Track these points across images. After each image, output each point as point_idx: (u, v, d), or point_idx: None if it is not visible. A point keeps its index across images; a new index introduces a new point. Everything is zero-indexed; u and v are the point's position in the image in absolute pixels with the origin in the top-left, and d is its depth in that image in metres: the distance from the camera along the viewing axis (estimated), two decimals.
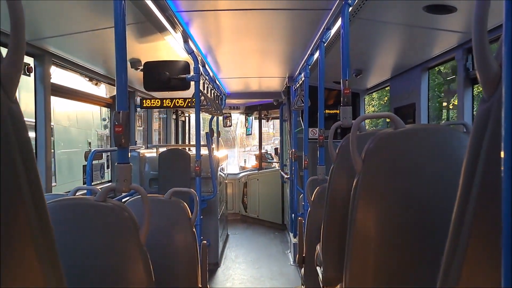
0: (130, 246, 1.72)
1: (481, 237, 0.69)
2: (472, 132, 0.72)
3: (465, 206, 0.71)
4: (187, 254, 2.75)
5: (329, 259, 2.44)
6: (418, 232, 1.57)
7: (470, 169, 0.70)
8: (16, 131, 0.73)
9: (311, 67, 4.89)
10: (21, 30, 0.75)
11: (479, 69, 0.67)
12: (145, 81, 4.21)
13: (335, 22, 3.33)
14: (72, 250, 1.70)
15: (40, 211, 0.78)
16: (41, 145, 3.78)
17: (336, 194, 2.32)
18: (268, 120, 11.43)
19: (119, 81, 2.04)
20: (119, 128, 1.96)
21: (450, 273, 0.75)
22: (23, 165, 0.74)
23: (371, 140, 1.64)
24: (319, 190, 3.32)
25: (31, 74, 3.67)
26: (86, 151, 8.10)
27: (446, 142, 1.63)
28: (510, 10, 0.52)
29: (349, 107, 2.78)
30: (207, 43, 4.49)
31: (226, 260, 6.73)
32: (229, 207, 9.47)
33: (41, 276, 0.78)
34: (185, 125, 10.42)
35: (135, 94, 6.44)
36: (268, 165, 11.97)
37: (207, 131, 6.97)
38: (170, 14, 3.16)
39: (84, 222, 1.75)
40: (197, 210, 3.07)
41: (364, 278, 1.69)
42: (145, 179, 6.13)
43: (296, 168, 6.49)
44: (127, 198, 2.93)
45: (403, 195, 1.59)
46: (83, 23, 3.33)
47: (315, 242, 3.07)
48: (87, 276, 1.71)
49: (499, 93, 0.64)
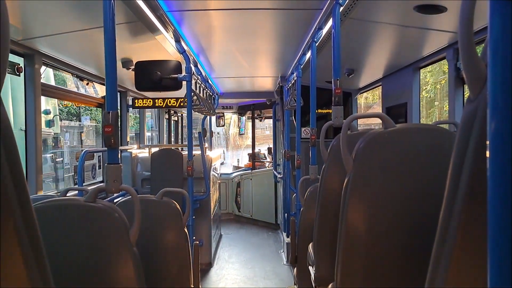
0: (120, 247, 1.71)
1: (468, 236, 0.69)
2: (458, 132, 0.72)
3: (452, 205, 0.71)
4: (179, 255, 2.74)
5: (321, 259, 2.44)
6: (409, 231, 1.57)
7: (457, 168, 0.70)
8: (0, 132, 0.72)
9: (303, 67, 4.89)
10: (5, 27, 0.73)
11: (466, 69, 0.68)
12: (137, 81, 4.19)
13: (326, 22, 3.33)
14: (62, 251, 1.69)
15: (26, 212, 0.77)
16: (31, 146, 3.74)
17: (327, 194, 2.33)
18: (261, 120, 11.43)
19: (108, 81, 2.02)
20: (109, 129, 1.95)
21: (437, 272, 0.75)
22: (8, 167, 0.73)
23: (362, 140, 1.65)
24: (311, 189, 3.32)
25: (20, 74, 3.64)
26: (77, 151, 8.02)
27: (436, 141, 1.64)
28: (495, 10, 0.52)
29: (340, 106, 2.78)
30: (199, 43, 4.48)
31: (219, 260, 6.72)
32: (222, 207, 9.46)
33: (27, 278, 0.77)
34: (177, 125, 10.39)
35: (127, 94, 6.41)
36: (262, 165, 11.98)
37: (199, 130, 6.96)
38: (161, 13, 3.15)
39: (74, 223, 1.74)
40: (189, 211, 3.06)
41: (355, 277, 1.69)
42: (137, 179, 6.10)
43: (289, 168, 6.50)
44: (119, 198, 2.91)
45: (394, 194, 1.59)
46: (73, 22, 3.31)
47: (308, 241, 3.07)
48: (77, 277, 1.70)
49: (485, 93, 0.65)
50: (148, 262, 1.99)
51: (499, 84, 0.52)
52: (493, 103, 0.52)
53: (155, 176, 5.80)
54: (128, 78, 5.09)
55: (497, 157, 0.52)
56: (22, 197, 0.76)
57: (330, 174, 2.30)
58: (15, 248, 0.75)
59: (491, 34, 0.53)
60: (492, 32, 0.53)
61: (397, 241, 1.58)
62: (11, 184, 0.74)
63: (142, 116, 7.62)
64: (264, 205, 9.20)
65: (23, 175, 0.79)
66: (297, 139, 5.14)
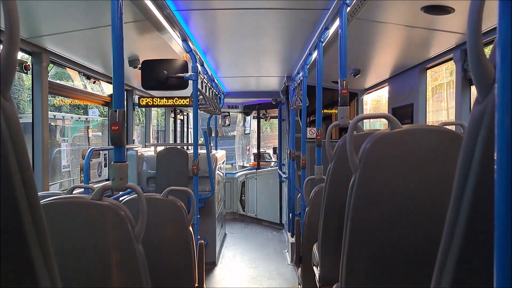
0: (125, 244, 1.72)
1: (475, 237, 0.69)
2: (466, 133, 0.72)
3: (459, 206, 0.71)
4: (184, 253, 2.75)
5: (326, 259, 2.44)
6: (414, 232, 1.57)
7: (464, 170, 0.70)
8: (10, 129, 0.73)
9: (310, 67, 4.89)
10: (15, 26, 0.74)
11: (474, 71, 0.67)
12: (143, 80, 4.20)
13: (333, 22, 3.33)
14: (68, 249, 1.70)
15: (34, 210, 0.78)
16: (38, 143, 3.77)
17: (333, 194, 2.33)
18: (267, 120, 11.43)
19: (116, 79, 2.03)
20: (116, 127, 1.96)
21: (444, 273, 0.75)
22: (17, 164, 0.74)
23: (368, 140, 1.65)
24: (316, 189, 3.32)
25: (28, 72, 3.67)
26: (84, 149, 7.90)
27: (443, 142, 1.64)
28: (504, 11, 0.52)
29: (346, 107, 2.78)
30: (206, 42, 4.49)
31: (224, 259, 6.72)
32: (227, 206, 9.46)
33: (34, 275, 0.78)
34: (183, 124, 10.41)
35: (133, 93, 6.43)
36: (266, 165, 11.98)
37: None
38: (169, 12, 3.16)
39: (80, 221, 1.75)
40: (194, 209, 3.06)
41: (360, 277, 1.69)
42: (142, 178, 6.12)
43: (294, 168, 6.49)
44: (125, 197, 2.92)
45: (400, 195, 1.59)
46: (81, 21, 3.33)
47: (312, 241, 3.07)
48: (82, 274, 1.71)
49: (493, 95, 0.64)
50: (153, 260, 2.00)
51: (507, 85, 0.52)
52: (501, 105, 0.52)
53: (160, 174, 5.82)
54: (134, 76, 5.11)
55: (505, 159, 0.52)
56: (31, 194, 0.77)
57: (336, 174, 2.30)
58: (23, 247, 0.75)
59: (500, 35, 0.53)
60: (501, 33, 0.53)
61: (403, 241, 1.58)
62: (20, 181, 0.75)
63: (148, 115, 7.64)
64: (269, 204, 9.20)
65: (32, 172, 0.80)
66: (303, 139, 5.13)
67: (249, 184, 9.63)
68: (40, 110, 3.76)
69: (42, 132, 3.78)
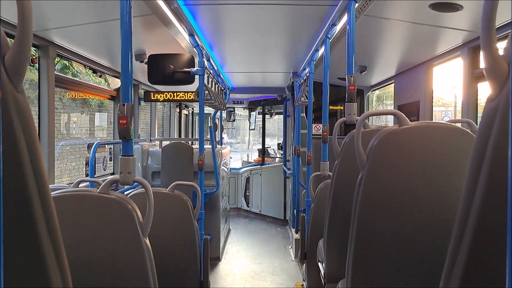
0: (132, 238, 1.73)
1: (486, 237, 0.69)
2: (478, 130, 0.72)
3: (470, 204, 0.71)
4: (189, 248, 2.76)
5: (332, 256, 2.44)
6: (422, 230, 1.56)
7: (476, 167, 0.70)
8: (22, 121, 0.73)
9: (316, 63, 4.87)
10: (28, 19, 0.74)
11: (487, 67, 0.67)
12: (149, 74, 4.20)
13: (340, 18, 3.32)
14: (74, 242, 1.70)
15: (44, 200, 0.78)
16: (44, 136, 3.79)
17: (339, 191, 2.32)
18: (272, 116, 11.42)
19: (124, 73, 2.03)
20: (124, 121, 1.96)
21: (453, 272, 0.75)
22: (28, 155, 0.74)
23: (376, 137, 1.64)
24: (322, 186, 3.32)
25: (35, 65, 3.68)
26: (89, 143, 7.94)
27: (451, 139, 1.63)
28: None
29: (353, 103, 2.77)
30: (212, 37, 4.48)
31: (228, 254, 6.74)
32: (231, 202, 9.48)
33: (46, 269, 0.78)
34: (188, 118, 10.41)
35: (139, 87, 6.44)
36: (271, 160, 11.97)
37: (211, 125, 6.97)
38: (176, 7, 3.16)
39: (87, 214, 1.76)
40: (199, 204, 3.07)
41: (366, 275, 1.69)
42: (148, 172, 6.14)
43: (299, 164, 6.49)
44: (130, 190, 2.93)
45: (407, 192, 1.59)
46: (89, 14, 3.33)
47: (317, 238, 3.07)
48: (89, 267, 1.72)
49: (507, 91, 0.64)
50: (158, 254, 2.00)
51: None
52: None
53: (165, 169, 5.82)
54: (140, 71, 5.11)
55: None
56: (42, 187, 0.77)
57: (342, 170, 2.30)
58: (34, 240, 0.76)
59: None
60: None
61: (411, 240, 1.58)
62: (31, 174, 0.75)
63: (153, 110, 7.65)
64: (273, 200, 9.20)
65: (43, 163, 0.80)
66: (308, 136, 5.12)
67: (254, 179, 9.63)
68: (47, 103, 3.78)
69: (48, 125, 3.80)
